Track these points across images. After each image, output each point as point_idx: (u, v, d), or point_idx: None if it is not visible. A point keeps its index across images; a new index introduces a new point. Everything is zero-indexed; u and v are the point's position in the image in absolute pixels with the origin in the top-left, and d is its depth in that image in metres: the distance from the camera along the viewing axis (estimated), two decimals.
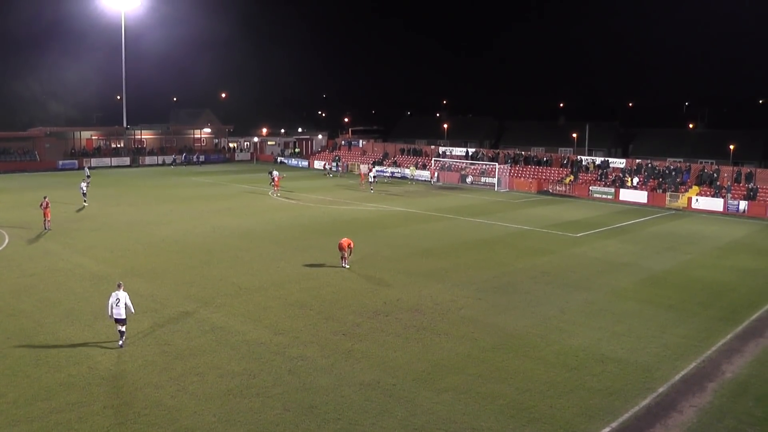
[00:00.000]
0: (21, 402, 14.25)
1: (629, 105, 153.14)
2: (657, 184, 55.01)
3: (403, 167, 71.83)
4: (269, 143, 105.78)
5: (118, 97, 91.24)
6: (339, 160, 78.99)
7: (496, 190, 60.73)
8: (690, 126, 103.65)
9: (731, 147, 75.14)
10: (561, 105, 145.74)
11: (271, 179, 55.34)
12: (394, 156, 77.51)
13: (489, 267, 28.26)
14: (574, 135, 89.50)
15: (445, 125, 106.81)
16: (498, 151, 72.33)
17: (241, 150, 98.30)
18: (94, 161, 73.71)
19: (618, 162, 62.57)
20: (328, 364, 16.79)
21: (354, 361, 16.99)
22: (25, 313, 20.34)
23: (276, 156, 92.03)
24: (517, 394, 15.34)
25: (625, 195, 54.82)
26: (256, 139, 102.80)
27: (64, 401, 14.32)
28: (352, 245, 27.40)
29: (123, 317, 17.44)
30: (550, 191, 59.20)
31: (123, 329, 17.58)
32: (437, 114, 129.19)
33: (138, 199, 47.80)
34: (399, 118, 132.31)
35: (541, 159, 66.67)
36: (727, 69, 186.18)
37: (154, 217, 39.31)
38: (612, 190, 55.90)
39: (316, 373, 16.14)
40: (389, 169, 71.99)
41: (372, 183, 57.46)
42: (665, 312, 22.21)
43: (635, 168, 59.00)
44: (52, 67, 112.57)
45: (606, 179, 58.36)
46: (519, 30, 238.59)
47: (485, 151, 73.78)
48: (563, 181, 59.81)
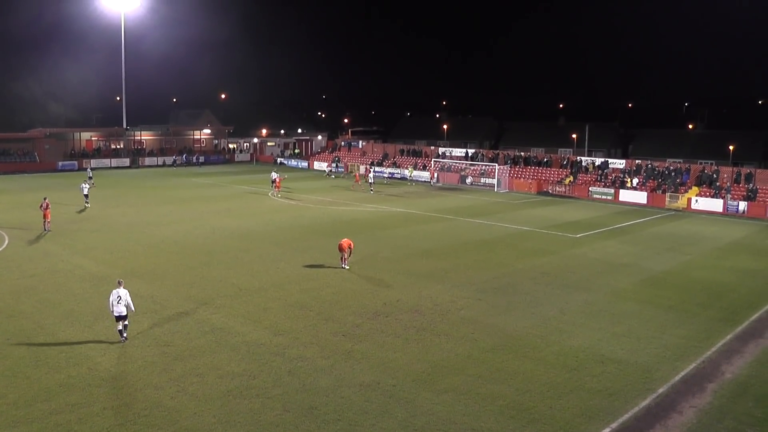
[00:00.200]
0: (21, 403, 14.25)
1: (629, 106, 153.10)
2: (657, 184, 55.04)
3: (403, 168, 71.87)
4: (269, 144, 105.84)
5: (117, 98, 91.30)
6: (339, 160, 79.03)
7: (495, 190, 60.75)
8: (690, 127, 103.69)
9: (731, 148, 75.16)
10: (561, 106, 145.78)
11: (272, 181, 55.37)
12: (393, 157, 77.51)
13: (489, 268, 28.27)
14: (573, 136, 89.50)
15: (445, 126, 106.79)
16: (498, 152, 72.33)
17: (241, 151, 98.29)
18: (93, 162, 73.68)
19: (618, 163, 62.61)
20: (328, 365, 16.79)
21: (354, 362, 16.99)
22: (25, 314, 20.35)
23: (276, 157, 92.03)
24: (517, 394, 15.34)
25: (625, 196, 54.84)
26: (255, 140, 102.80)
27: (63, 402, 14.32)
28: (352, 246, 27.40)
29: (124, 314, 17.94)
30: (549, 192, 59.23)
31: (126, 323, 18.10)
32: (437, 115, 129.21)
33: (138, 200, 47.81)
34: (399, 118, 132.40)
35: (541, 160, 66.70)
36: (727, 70, 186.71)
37: (154, 218, 39.32)
38: (612, 190, 55.93)
39: (316, 374, 16.15)
40: (386, 170, 71.93)
41: (372, 184, 57.58)
42: (665, 313, 22.22)
43: (635, 169, 59.03)
44: (52, 68, 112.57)
45: (606, 180, 58.39)
46: (519, 31, 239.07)
47: (485, 152, 73.78)
48: (563, 182, 59.84)
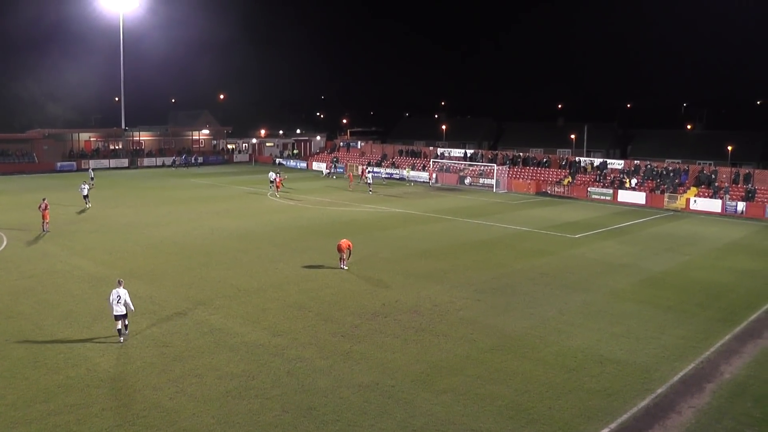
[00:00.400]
0: (19, 404, 14.24)
1: (628, 106, 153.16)
2: (655, 185, 55.07)
3: (401, 168, 71.80)
4: (268, 144, 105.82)
5: (116, 99, 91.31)
6: (337, 161, 78.99)
7: (494, 191, 60.76)
8: (688, 127, 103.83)
9: (729, 148, 75.23)
10: (560, 106, 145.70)
11: (270, 181, 55.37)
12: (392, 157, 77.50)
13: (488, 268, 28.27)
14: (572, 136, 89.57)
15: (444, 126, 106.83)
16: (496, 153, 72.32)
17: (240, 151, 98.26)
18: (92, 163, 73.60)
19: (616, 163, 62.63)
20: (326, 365, 16.79)
21: (353, 363, 16.99)
22: (24, 315, 20.33)
23: (274, 157, 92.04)
24: (516, 395, 15.35)
25: (624, 196, 54.87)
26: (254, 141, 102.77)
27: (62, 403, 14.31)
28: (351, 247, 27.39)
29: (123, 313, 18.06)
30: (548, 192, 59.25)
31: (126, 323, 18.23)
32: (436, 115, 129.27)
33: (136, 201, 47.79)
34: (398, 119, 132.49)
35: (540, 160, 66.73)
36: (726, 70, 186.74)
37: (152, 219, 39.30)
38: (610, 191, 55.95)
39: (314, 375, 16.15)
40: (383, 171, 71.71)
41: (371, 185, 57.60)
42: (664, 313, 22.23)
43: (633, 169, 59.06)
44: (50, 69, 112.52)
45: (604, 180, 58.42)
46: (518, 31, 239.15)
47: (484, 153, 73.79)
48: (562, 183, 59.87)
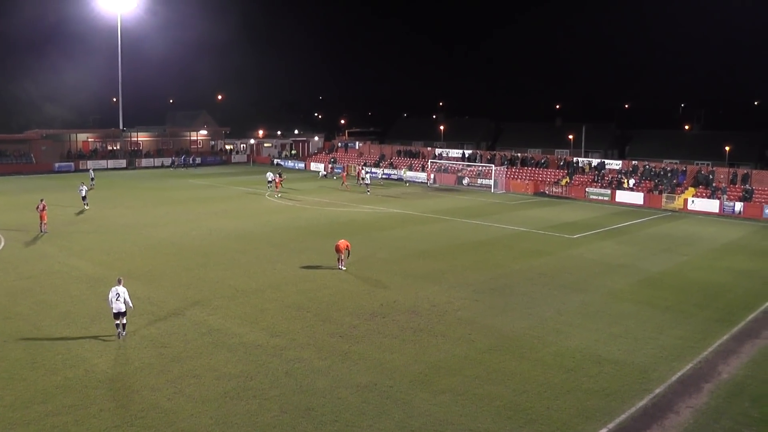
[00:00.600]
0: (17, 405, 14.22)
1: (626, 107, 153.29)
2: (653, 185, 55.12)
3: (399, 169, 71.75)
4: (266, 145, 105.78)
5: (114, 100, 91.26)
6: (335, 161, 78.94)
7: (492, 191, 60.75)
8: (686, 128, 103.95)
9: (727, 148, 75.40)
10: (558, 107, 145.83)
11: (269, 182, 55.31)
12: (390, 158, 77.48)
13: (486, 268, 28.29)
14: (570, 137, 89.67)
15: (442, 127, 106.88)
16: (495, 153, 72.36)
17: (237, 152, 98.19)
18: (90, 164, 73.48)
19: (614, 163, 62.69)
20: (325, 366, 16.79)
21: (351, 363, 16.99)
22: (22, 316, 20.31)
23: (272, 158, 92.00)
24: (514, 395, 15.36)
25: (622, 196, 54.91)
26: (252, 141, 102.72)
27: (60, 404, 14.30)
28: (349, 247, 27.39)
29: (123, 311, 18.27)
30: (546, 193, 59.28)
31: (124, 321, 18.43)
32: (434, 116, 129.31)
33: (134, 202, 47.73)
34: (396, 119, 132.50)
35: (538, 161, 66.79)
36: (723, 71, 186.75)
37: (150, 220, 39.26)
38: (608, 191, 55.99)
39: (313, 375, 16.15)
40: (379, 171, 71.57)
41: (369, 185, 57.62)
42: (662, 313, 22.26)
43: (631, 169, 59.11)
44: (48, 70, 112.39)
45: (602, 181, 58.48)
46: (516, 32, 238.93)
47: (482, 153, 73.82)
48: (560, 183, 59.91)
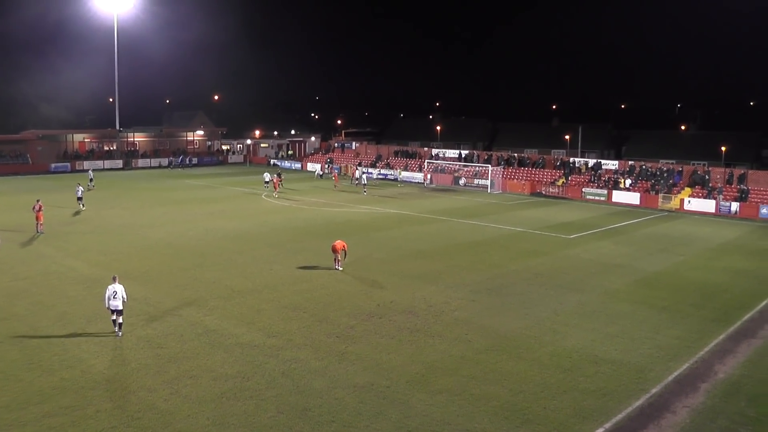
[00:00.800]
0: (14, 406, 14.18)
1: (622, 107, 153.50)
2: (650, 185, 55.21)
3: (395, 169, 71.72)
4: (262, 145, 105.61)
5: (110, 100, 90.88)
6: (332, 162, 78.87)
7: (489, 192, 60.81)
8: (682, 128, 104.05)
9: (723, 149, 75.55)
10: (554, 107, 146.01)
11: (266, 182, 55.29)
12: (387, 158, 77.47)
13: (482, 269, 28.31)
14: (567, 137, 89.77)
15: (439, 127, 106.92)
16: (491, 153, 72.40)
17: (234, 152, 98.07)
18: (86, 164, 73.29)
19: (611, 164, 62.79)
20: (321, 366, 16.78)
21: (348, 364, 16.99)
22: (18, 317, 20.26)
23: (269, 158, 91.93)
24: (511, 395, 15.38)
25: (618, 196, 55.00)
26: (249, 142, 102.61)
27: (57, 405, 14.26)
28: (346, 248, 27.38)
29: (120, 308, 18.50)
30: (543, 193, 59.36)
31: (120, 320, 18.61)
32: (430, 116, 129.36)
33: (131, 202, 47.63)
34: (392, 120, 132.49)
35: (535, 161, 66.85)
36: (719, 71, 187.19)
37: (147, 220, 39.20)
38: (605, 191, 56.07)
39: (309, 376, 16.14)
40: (374, 172, 71.50)
41: (365, 185, 57.64)
42: (658, 313, 22.30)
43: (628, 169, 59.21)
44: (44, 70, 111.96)
45: (599, 181, 58.55)
46: (512, 32, 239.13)
47: (479, 153, 73.86)
48: (556, 183, 59.97)
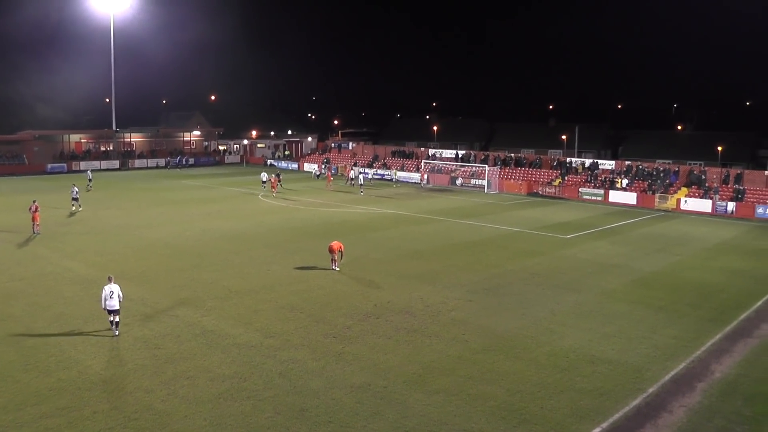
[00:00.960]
0: (10, 407, 14.15)
1: (619, 107, 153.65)
2: (646, 185, 55.30)
3: (391, 169, 71.63)
4: (259, 146, 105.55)
5: (107, 100, 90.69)
6: (329, 162, 78.82)
7: (485, 192, 60.82)
8: (679, 128, 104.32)
9: (719, 149, 75.75)
10: (551, 107, 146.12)
11: (263, 182, 55.27)
12: (384, 158, 77.46)
13: (479, 269, 28.32)
14: (563, 137, 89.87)
15: (435, 127, 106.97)
16: (488, 153, 72.44)
17: (231, 153, 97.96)
18: (83, 164, 73.22)
19: (607, 164, 62.86)
20: (319, 366, 16.77)
21: (345, 364, 16.99)
22: (14, 318, 20.21)
23: (266, 159, 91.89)
24: (508, 395, 15.39)
25: (615, 196, 55.06)
26: (246, 142, 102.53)
27: (53, 406, 14.24)
28: (342, 249, 27.36)
29: (117, 308, 18.59)
30: (539, 193, 59.41)
31: (117, 319, 18.73)
32: (427, 116, 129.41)
33: (127, 203, 47.56)
34: (389, 120, 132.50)
35: (531, 161, 66.91)
36: (716, 72, 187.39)
37: (144, 221, 39.14)
38: (601, 191, 56.14)
39: (307, 376, 16.13)
40: (370, 172, 71.36)
41: (362, 185, 57.63)
42: (655, 313, 22.34)
43: (624, 169, 59.31)
44: (41, 70, 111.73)
45: (595, 181, 58.62)
46: (509, 32, 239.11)
47: (475, 153, 73.88)
48: (553, 183, 60.03)
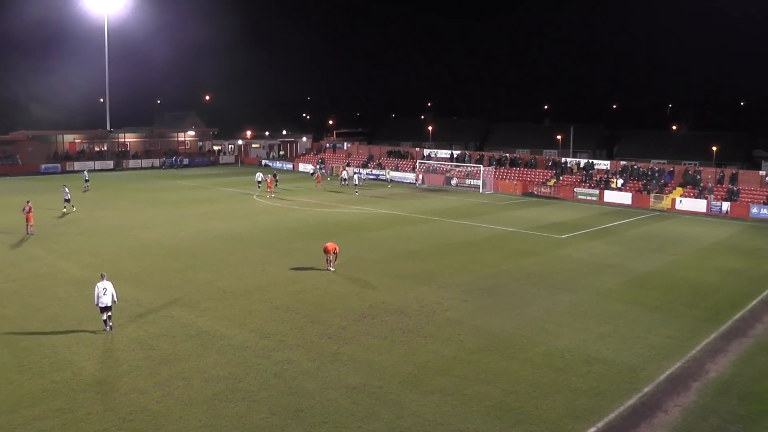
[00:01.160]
0: (4, 409, 14.08)
1: (614, 107, 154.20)
2: (641, 185, 55.42)
3: (386, 169, 71.58)
4: (254, 146, 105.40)
5: (101, 100, 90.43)
6: (323, 162, 78.72)
7: (481, 192, 60.87)
8: (674, 128, 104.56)
9: (714, 149, 75.96)
10: (546, 107, 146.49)
11: (258, 182, 55.18)
12: (379, 158, 77.40)
13: (475, 269, 28.33)
14: (558, 137, 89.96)
15: (430, 127, 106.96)
16: (483, 153, 72.48)
17: (225, 153, 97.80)
18: (77, 165, 72.95)
19: (602, 164, 62.98)
20: (314, 367, 16.74)
21: (340, 364, 16.96)
22: (8, 319, 20.11)
23: (260, 159, 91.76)
24: (504, 395, 15.38)
25: (610, 196, 55.15)
26: (240, 142, 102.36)
27: (47, 408, 14.17)
28: (337, 249, 27.31)
29: (109, 305, 18.83)
30: (534, 193, 59.47)
31: (110, 314, 18.96)
32: (422, 116, 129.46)
33: (122, 203, 47.41)
34: (384, 120, 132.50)
35: (526, 161, 66.99)
36: (711, 73, 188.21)
37: (138, 221, 39.01)
38: (596, 191, 56.22)
39: (302, 377, 16.10)
40: (363, 172, 71.24)
41: (357, 186, 57.58)
42: (650, 313, 22.38)
43: (620, 170, 59.42)
44: (35, 70, 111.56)
45: (591, 181, 58.72)
46: (505, 32, 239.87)
47: (470, 153, 73.91)
48: (548, 183, 60.11)
